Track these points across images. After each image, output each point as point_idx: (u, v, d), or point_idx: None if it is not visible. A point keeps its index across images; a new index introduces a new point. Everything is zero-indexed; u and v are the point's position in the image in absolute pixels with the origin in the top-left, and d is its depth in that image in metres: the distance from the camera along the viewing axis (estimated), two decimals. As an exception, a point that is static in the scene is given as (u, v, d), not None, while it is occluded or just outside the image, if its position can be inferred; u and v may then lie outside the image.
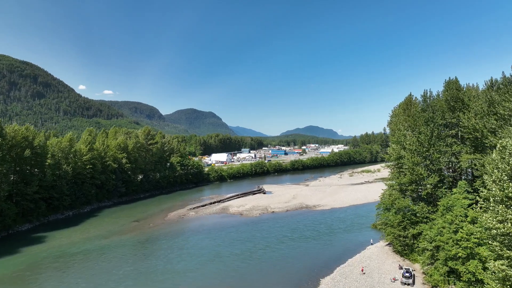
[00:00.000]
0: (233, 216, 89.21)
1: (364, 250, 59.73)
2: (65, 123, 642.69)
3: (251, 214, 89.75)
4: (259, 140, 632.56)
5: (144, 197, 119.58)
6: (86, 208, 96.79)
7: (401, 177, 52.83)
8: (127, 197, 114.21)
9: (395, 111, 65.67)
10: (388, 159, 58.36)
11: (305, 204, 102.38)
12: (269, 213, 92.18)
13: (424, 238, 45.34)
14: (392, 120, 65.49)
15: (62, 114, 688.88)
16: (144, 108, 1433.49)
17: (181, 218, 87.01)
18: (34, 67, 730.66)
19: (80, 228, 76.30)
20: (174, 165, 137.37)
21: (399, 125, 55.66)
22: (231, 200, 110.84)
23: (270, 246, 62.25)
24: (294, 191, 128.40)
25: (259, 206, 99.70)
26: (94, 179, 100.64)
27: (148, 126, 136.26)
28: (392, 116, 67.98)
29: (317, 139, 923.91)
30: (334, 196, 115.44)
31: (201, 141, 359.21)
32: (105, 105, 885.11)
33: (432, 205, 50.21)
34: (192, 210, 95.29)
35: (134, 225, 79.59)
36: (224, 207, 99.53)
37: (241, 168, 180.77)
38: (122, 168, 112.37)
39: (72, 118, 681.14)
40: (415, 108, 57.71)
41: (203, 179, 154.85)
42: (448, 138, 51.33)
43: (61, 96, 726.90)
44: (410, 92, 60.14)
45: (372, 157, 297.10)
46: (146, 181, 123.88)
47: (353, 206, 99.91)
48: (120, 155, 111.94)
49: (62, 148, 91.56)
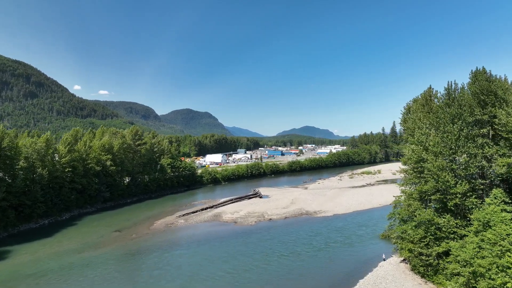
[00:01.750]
0: (226, 224, 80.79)
1: (376, 267, 51.56)
2: (58, 123, 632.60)
3: (246, 222, 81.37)
4: (255, 140, 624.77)
5: (131, 202, 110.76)
6: (65, 216, 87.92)
7: (422, 184, 44.72)
8: (112, 202, 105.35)
9: (410, 107, 57.53)
10: (405, 162, 50.14)
11: (305, 210, 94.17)
12: (266, 220, 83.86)
13: (455, 259, 37.32)
14: (406, 118, 57.38)
15: (56, 114, 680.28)
16: (140, 108, 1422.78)
17: (169, 227, 78.44)
18: (27, 67, 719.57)
19: (52, 240, 67.41)
20: (164, 167, 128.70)
21: (418, 122, 47.44)
22: (225, 205, 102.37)
23: (269, 263, 53.89)
24: (292, 194, 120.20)
25: (255, 213, 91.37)
26: (74, 183, 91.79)
27: (136, 126, 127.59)
28: (405, 113, 59.89)
29: (314, 140, 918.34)
30: (336, 201, 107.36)
31: (195, 142, 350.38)
32: (99, 105, 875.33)
33: (460, 217, 42.17)
34: (181, 218, 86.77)
35: (115, 236, 70.92)
36: (216, 213, 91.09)
37: (236, 170, 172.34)
38: (106, 171, 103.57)
39: (65, 118, 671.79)
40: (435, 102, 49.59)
41: (195, 181, 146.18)
42: (478, 138, 43.28)
43: (54, 96, 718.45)
44: (430, 85, 52.02)
45: (371, 157, 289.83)
46: (133, 185, 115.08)
47: (357, 212, 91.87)
48: (104, 157, 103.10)
49: (37, 149, 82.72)
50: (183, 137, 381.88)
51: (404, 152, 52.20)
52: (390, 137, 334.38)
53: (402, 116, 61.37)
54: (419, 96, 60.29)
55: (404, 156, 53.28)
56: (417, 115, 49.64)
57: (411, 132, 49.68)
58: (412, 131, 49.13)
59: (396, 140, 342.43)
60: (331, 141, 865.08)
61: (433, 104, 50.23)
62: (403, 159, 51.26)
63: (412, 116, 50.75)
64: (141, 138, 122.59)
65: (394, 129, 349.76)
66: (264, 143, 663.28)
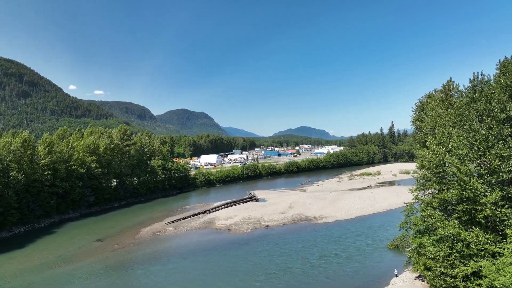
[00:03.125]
0: (219, 232, 74.07)
1: (388, 286, 45.25)
2: (51, 123, 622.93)
3: (241, 230, 74.70)
4: (252, 140, 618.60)
5: (118, 207, 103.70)
6: (44, 222, 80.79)
7: (444, 192, 38.34)
8: (97, 207, 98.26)
9: (423, 104, 51.17)
10: (422, 165, 43.68)
11: (305, 216, 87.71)
12: (262, 227, 77.24)
13: (491, 284, 30.95)
14: (420, 115, 51.08)
15: (49, 114, 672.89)
16: (135, 108, 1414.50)
17: (156, 235, 71.60)
18: (19, 66, 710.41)
19: (23, 252, 60.29)
20: (155, 169, 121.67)
21: (439, 120, 41.00)
22: (219, 210, 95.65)
23: (267, 279, 47.32)
24: (290, 198, 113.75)
25: (250, 219, 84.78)
26: (55, 187, 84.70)
27: (124, 125, 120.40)
28: (417, 110, 53.57)
29: (310, 140, 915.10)
30: (337, 205, 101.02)
31: (190, 142, 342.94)
32: (94, 105, 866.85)
33: (491, 231, 35.85)
34: (170, 225, 79.96)
35: (95, 247, 63.98)
36: (209, 220, 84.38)
37: (232, 172, 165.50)
38: (91, 173, 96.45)
39: (59, 118, 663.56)
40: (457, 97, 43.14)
41: (189, 184, 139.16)
42: (510, 138, 36.96)
43: (48, 95, 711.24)
44: (450, 78, 45.60)
45: (369, 158, 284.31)
46: (121, 188, 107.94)
47: (360, 218, 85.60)
48: (89, 158, 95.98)
49: (12, 150, 75.54)
50: (177, 137, 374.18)
51: (418, 154, 45.76)
52: (388, 137, 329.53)
53: (414, 114, 55.10)
54: (433, 92, 54.20)
55: (419, 158, 47.05)
56: (436, 112, 43.15)
57: (430, 131, 43.27)
58: (431, 129, 42.71)
59: (394, 140, 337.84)
60: (327, 142, 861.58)
61: (453, 99, 43.85)
62: (419, 162, 44.79)
63: (431, 113, 44.19)
64: (129, 138, 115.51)
65: (392, 129, 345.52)
66: (260, 144, 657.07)
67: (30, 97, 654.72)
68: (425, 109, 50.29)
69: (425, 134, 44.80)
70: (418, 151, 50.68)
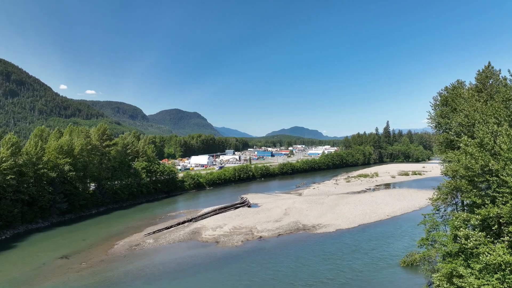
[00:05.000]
0: (206, 245, 64.85)
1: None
2: (40, 123, 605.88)
3: (230, 243, 65.57)
4: (245, 141, 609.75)
5: (96, 214, 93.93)
6: (5, 234, 70.65)
7: (489, 207, 29.73)
8: (72, 215, 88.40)
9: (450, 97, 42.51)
10: (453, 172, 34.98)
11: (302, 224, 78.97)
12: (255, 239, 68.22)
13: None
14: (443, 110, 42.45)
15: (37, 113, 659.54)
16: (127, 108, 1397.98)
17: (132, 250, 62.15)
18: (7, 64, 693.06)
19: (-32, 275, 50.60)
20: (138, 171, 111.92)
21: (478, 116, 32.30)
22: (207, 218, 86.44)
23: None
24: (285, 202, 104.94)
25: (242, 228, 75.79)
26: (20, 194, 74.75)
27: (104, 124, 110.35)
28: (439, 104, 44.89)
29: (303, 140, 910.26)
30: (336, 211, 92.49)
31: (181, 142, 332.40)
32: (84, 105, 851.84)
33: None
34: (151, 236, 70.57)
35: (58, 266, 54.34)
36: (195, 229, 75.17)
37: (223, 174, 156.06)
38: (65, 177, 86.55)
39: (48, 118, 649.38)
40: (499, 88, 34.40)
41: (176, 187, 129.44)
42: None
43: (36, 94, 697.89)
44: (489, 62, 36.88)
45: (365, 159, 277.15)
46: (99, 193, 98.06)
47: (363, 226, 77.16)
48: (61, 160, 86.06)
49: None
50: (168, 137, 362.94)
51: (447, 157, 37.15)
52: (383, 138, 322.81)
53: (435, 110, 46.45)
54: (455, 83, 45.71)
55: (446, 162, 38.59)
56: (471, 105, 34.47)
57: (464, 129, 34.65)
58: (468, 127, 34.08)
59: (389, 140, 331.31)
60: (320, 142, 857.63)
61: (493, 88, 35.25)
62: (449, 168, 36.16)
63: (464, 107, 35.44)
64: (110, 138, 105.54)
65: (387, 129, 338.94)
66: (253, 144, 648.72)
67: (17, 96, 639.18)
68: (451, 103, 41.66)
69: (457, 133, 36.18)
70: (442, 153, 42.13)
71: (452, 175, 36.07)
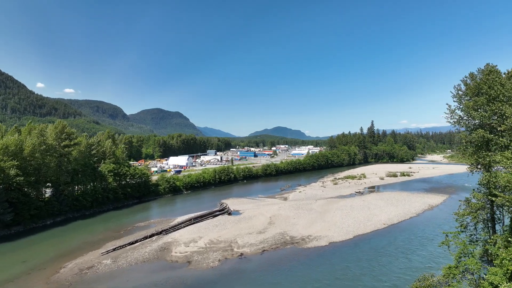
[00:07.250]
0: (175, 267, 53.35)
1: None
2: (12, 122, 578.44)
3: (205, 262, 54.34)
4: (227, 140, 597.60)
5: (51, 225, 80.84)
6: None
7: None
8: (20, 227, 75.13)
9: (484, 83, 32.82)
10: (506, 183, 25.07)
11: (289, 236, 68.56)
12: (235, 256, 57.25)
13: None
14: (477, 100, 32.77)
15: (10, 112, 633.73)
16: (107, 107, 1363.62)
17: (83, 275, 50.07)
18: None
19: None
20: (104, 175, 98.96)
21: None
22: (180, 229, 74.83)
23: None
24: (270, 209, 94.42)
25: (220, 242, 64.70)
26: None
27: (63, 121, 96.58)
28: (470, 93, 35.21)
29: (286, 140, 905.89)
30: (327, 218, 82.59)
31: (160, 142, 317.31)
32: (61, 104, 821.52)
33: None
34: (109, 255, 58.50)
35: (-22, 302, 42.07)
36: (165, 245, 63.56)
37: (202, 176, 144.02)
38: (10, 183, 73.21)
39: (21, 117, 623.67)
40: None
41: (149, 192, 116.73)
42: None
43: (9, 92, 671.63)
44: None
45: (350, 159, 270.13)
46: (56, 200, 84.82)
47: (359, 238, 67.47)
48: (6, 164, 72.67)
49: None
50: (146, 137, 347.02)
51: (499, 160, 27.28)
52: (368, 138, 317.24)
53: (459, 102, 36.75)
54: (484, 68, 36.23)
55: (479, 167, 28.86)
56: None
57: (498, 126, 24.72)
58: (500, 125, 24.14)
59: (374, 140, 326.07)
60: (303, 142, 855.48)
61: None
62: (501, 177, 26.21)
63: None
64: (70, 137, 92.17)
65: (372, 129, 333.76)
66: (236, 144, 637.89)
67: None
68: (488, 91, 31.93)
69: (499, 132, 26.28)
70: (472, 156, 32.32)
71: (504, 186, 26.14)
